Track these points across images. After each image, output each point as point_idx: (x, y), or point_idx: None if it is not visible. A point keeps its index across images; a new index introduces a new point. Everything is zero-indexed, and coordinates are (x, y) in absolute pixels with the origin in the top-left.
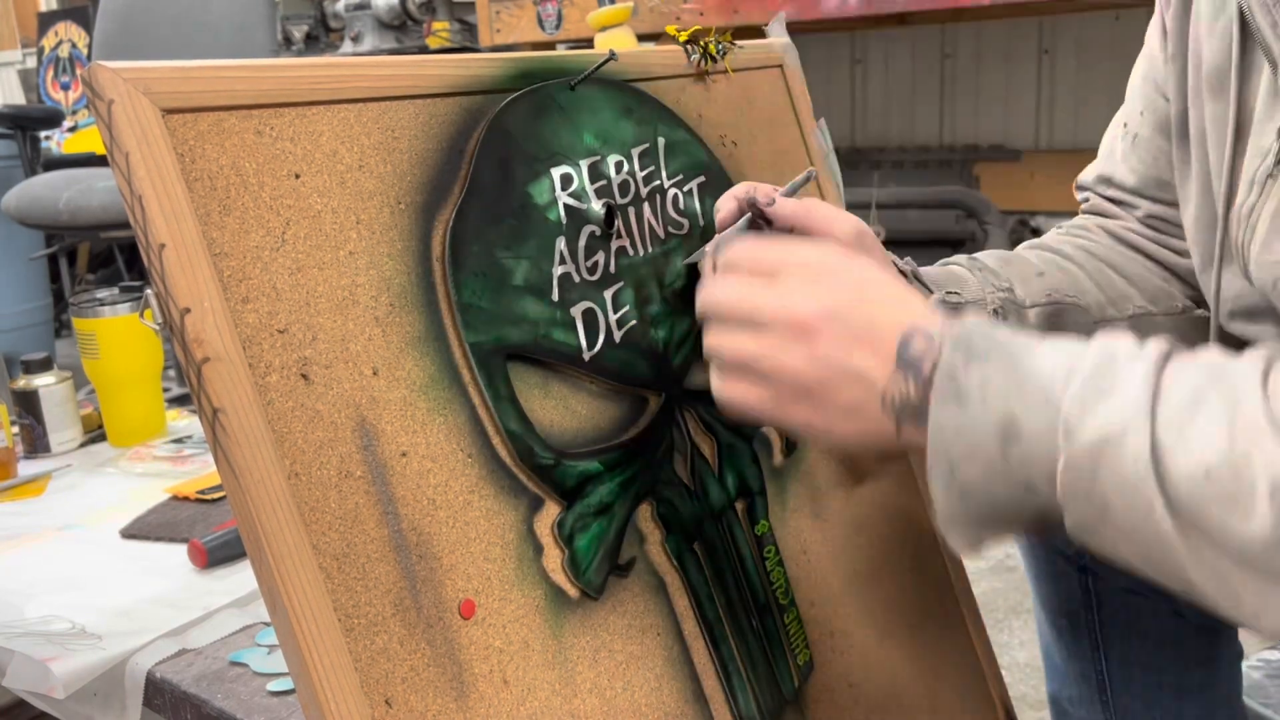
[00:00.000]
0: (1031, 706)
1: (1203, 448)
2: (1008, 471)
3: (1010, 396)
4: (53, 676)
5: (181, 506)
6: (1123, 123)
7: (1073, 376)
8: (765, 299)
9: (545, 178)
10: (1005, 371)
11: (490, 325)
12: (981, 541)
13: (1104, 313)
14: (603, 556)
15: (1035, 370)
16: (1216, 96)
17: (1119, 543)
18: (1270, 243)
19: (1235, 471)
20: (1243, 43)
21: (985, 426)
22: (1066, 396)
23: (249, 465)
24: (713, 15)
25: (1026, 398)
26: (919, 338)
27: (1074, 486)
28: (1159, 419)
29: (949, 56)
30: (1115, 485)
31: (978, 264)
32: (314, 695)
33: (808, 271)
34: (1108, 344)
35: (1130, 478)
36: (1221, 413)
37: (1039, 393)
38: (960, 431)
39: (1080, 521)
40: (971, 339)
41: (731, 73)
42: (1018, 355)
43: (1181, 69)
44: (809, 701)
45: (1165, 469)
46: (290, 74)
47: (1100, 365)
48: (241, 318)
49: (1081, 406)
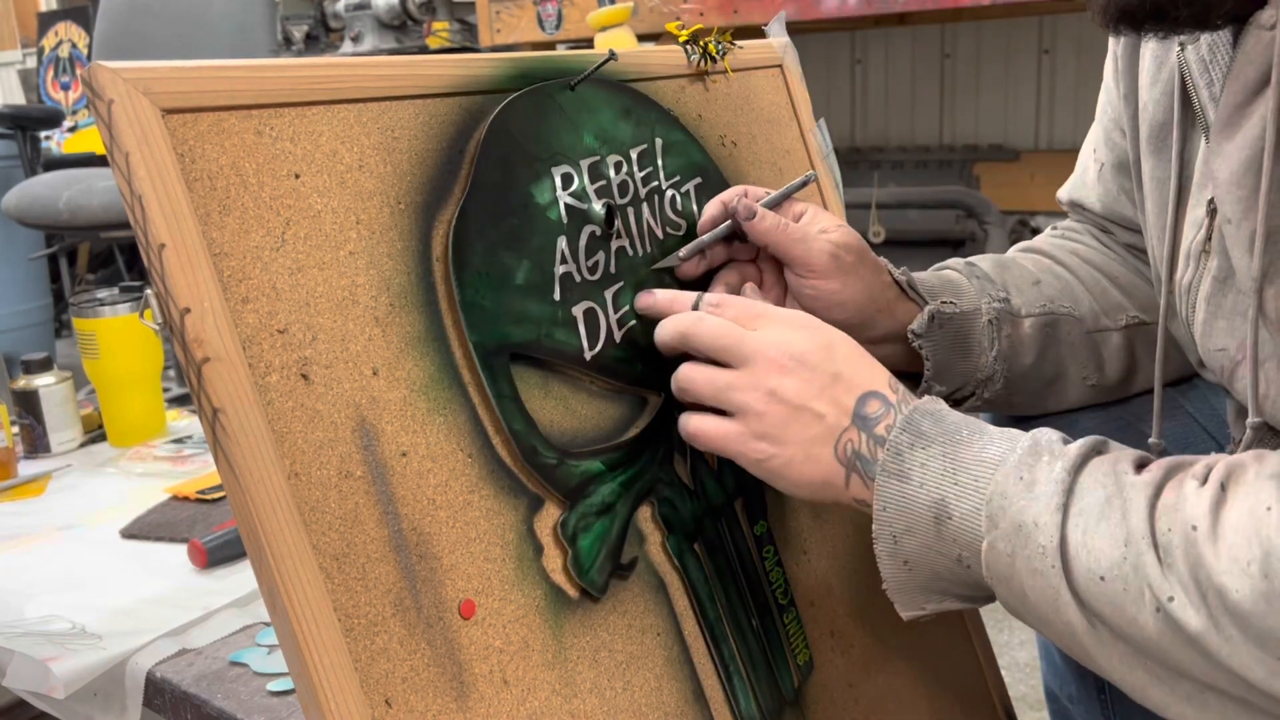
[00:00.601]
0: (1031, 707)
1: (1101, 553)
2: (942, 545)
3: (944, 481)
4: (53, 676)
5: (181, 506)
6: (1093, 147)
7: (1000, 467)
8: (747, 336)
9: (546, 177)
10: (943, 456)
11: (493, 324)
12: (925, 608)
13: (1098, 322)
14: (605, 556)
15: (971, 458)
16: (1158, 155)
17: (1040, 626)
18: (1210, 329)
19: (1125, 582)
20: (1184, 99)
21: (922, 504)
22: (993, 484)
23: (249, 465)
24: (713, 15)
25: (959, 483)
26: (875, 401)
27: (995, 568)
28: (1069, 517)
29: (949, 56)
30: (1028, 572)
31: (974, 270)
32: (314, 695)
33: (787, 324)
34: (1037, 439)
35: (1040, 567)
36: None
37: (970, 480)
38: (901, 506)
39: (1006, 601)
40: (920, 424)
41: (731, 73)
42: (958, 443)
43: (1133, 111)
44: (809, 701)
45: (1070, 565)
46: (290, 74)
47: (1025, 460)
48: (241, 318)
49: (1003, 496)
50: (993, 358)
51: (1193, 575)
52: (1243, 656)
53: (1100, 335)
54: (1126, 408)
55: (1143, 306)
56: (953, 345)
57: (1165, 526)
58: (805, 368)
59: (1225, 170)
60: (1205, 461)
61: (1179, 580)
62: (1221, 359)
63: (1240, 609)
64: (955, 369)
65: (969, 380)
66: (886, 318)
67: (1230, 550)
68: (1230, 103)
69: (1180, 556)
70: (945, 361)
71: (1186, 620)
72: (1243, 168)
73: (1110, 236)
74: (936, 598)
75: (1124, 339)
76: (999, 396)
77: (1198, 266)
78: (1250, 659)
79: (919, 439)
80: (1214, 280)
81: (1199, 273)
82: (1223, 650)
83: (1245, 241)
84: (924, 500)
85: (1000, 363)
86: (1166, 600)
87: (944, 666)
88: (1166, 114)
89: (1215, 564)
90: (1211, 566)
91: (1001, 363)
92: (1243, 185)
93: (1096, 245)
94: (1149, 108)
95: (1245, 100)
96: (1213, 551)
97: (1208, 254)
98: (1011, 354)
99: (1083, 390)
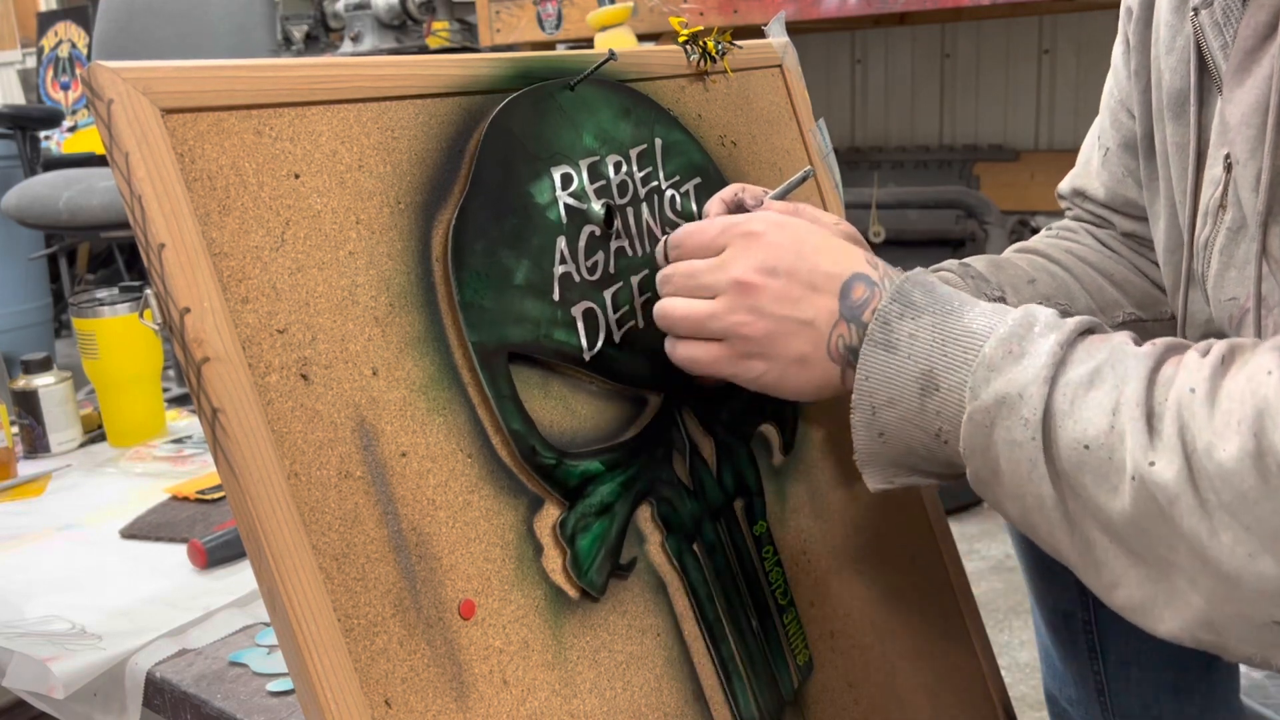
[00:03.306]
0: (1031, 707)
1: (1088, 421)
2: (923, 420)
3: (933, 352)
4: (53, 676)
5: (181, 506)
6: (1097, 135)
7: (989, 338)
8: (709, 269)
9: (546, 177)
10: (933, 327)
11: (493, 324)
12: (893, 482)
13: None
14: (604, 556)
15: (960, 329)
16: (1177, 120)
17: (1005, 501)
18: (1221, 280)
19: (1110, 450)
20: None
21: (908, 375)
22: (979, 356)
23: (249, 465)
24: (713, 15)
25: (947, 354)
26: (859, 285)
27: (972, 440)
28: (1057, 387)
29: (949, 56)
30: (1006, 444)
31: (969, 270)
32: (314, 695)
33: (747, 239)
34: (1030, 311)
35: (1020, 438)
36: (1110, 393)
37: (959, 351)
38: (886, 377)
39: (976, 474)
40: (912, 294)
41: (731, 73)
42: (948, 313)
43: (1145, 86)
44: (808, 702)
45: (1053, 435)
46: (290, 74)
47: (1016, 331)
48: (241, 318)
49: (989, 368)
50: None
51: (1180, 436)
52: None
53: None
54: None
55: (1138, 304)
56: None
57: (1162, 397)
58: (778, 276)
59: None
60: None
61: (1165, 444)
62: (1231, 308)
63: (1224, 468)
64: None
65: None
66: None
67: (1225, 414)
68: (1242, 48)
69: (1170, 420)
70: None
71: (1164, 481)
72: (1251, 108)
73: (1109, 231)
74: (905, 472)
75: None
76: None
77: (1215, 222)
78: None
79: (909, 309)
80: (1228, 231)
81: (1215, 228)
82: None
83: (1252, 181)
84: (910, 371)
85: None
86: (1148, 465)
87: (944, 666)
88: (1184, 80)
89: (1207, 424)
90: (1203, 426)
91: None
92: (1251, 124)
93: (1092, 244)
94: (1166, 75)
95: (1256, 45)
96: (1206, 413)
97: (1224, 208)
98: None
99: None
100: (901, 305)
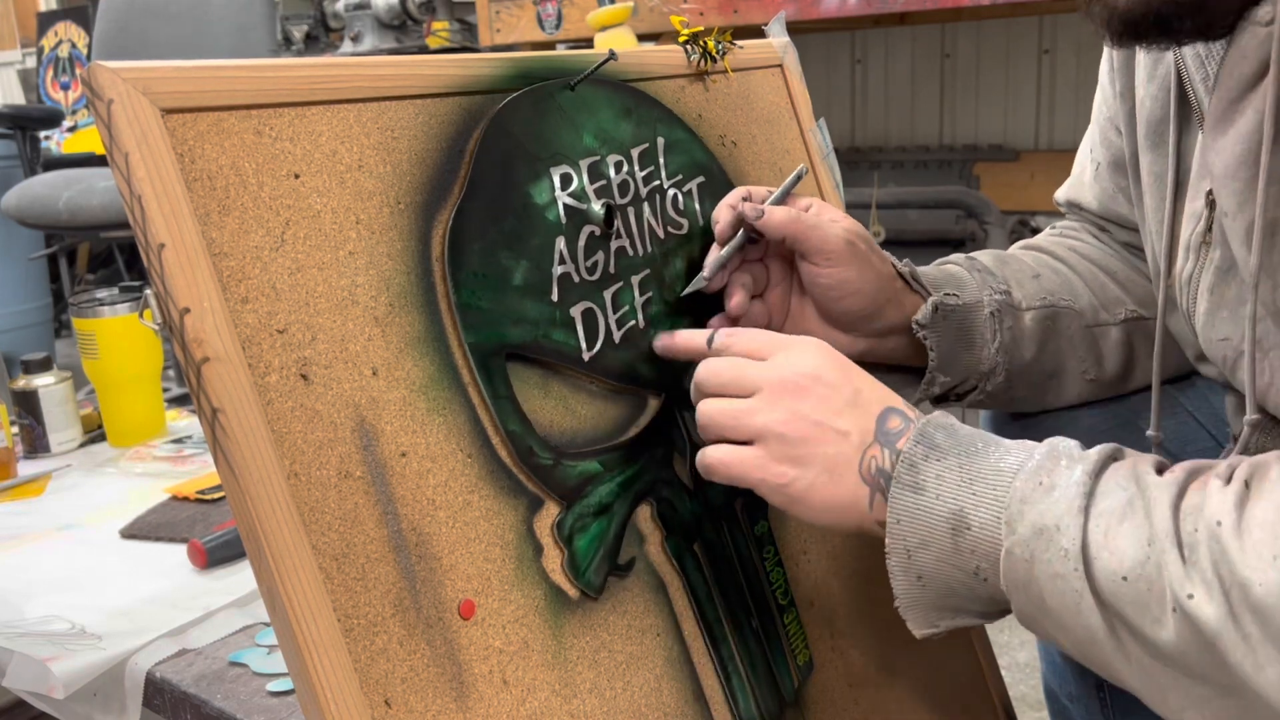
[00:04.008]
0: (1031, 707)
1: (1123, 553)
2: (959, 559)
3: (961, 491)
4: (53, 676)
5: (181, 506)
6: (1089, 148)
7: (1019, 474)
8: (757, 368)
9: (545, 178)
10: (959, 468)
11: (490, 325)
12: (937, 625)
13: (1097, 316)
14: (602, 557)
15: (988, 468)
16: (1155, 149)
17: (1056, 633)
18: (1212, 320)
19: (1148, 582)
20: (1180, 94)
21: (938, 515)
22: (1011, 491)
23: (248, 465)
24: (713, 15)
25: (976, 493)
26: (895, 418)
27: (1013, 575)
28: (1091, 518)
29: (949, 56)
30: (1048, 576)
31: (975, 264)
32: (314, 695)
33: (799, 347)
34: (1054, 445)
35: (1061, 570)
36: (1142, 524)
37: (987, 489)
38: (916, 519)
39: (1022, 609)
40: (934, 436)
41: (731, 72)
42: (973, 454)
43: (1130, 109)
44: (809, 702)
45: (1092, 565)
46: (290, 74)
47: (1044, 464)
48: (241, 318)
49: (1023, 501)
50: (995, 349)
51: (1215, 570)
52: (1258, 656)
53: (1099, 330)
54: (1126, 404)
55: (1140, 301)
56: (956, 337)
57: (1190, 527)
58: (824, 385)
59: (1220, 164)
60: (1228, 462)
61: (1201, 577)
62: (1225, 349)
63: (1263, 604)
64: (958, 361)
65: (971, 373)
66: (894, 308)
67: (1255, 545)
68: (1224, 97)
69: (1205, 553)
70: (949, 353)
71: (1205, 617)
72: (1237, 161)
73: (1108, 235)
74: (949, 615)
75: (1122, 334)
76: (1000, 390)
77: (1198, 258)
78: (1265, 659)
79: (933, 451)
80: (1217, 271)
81: (1200, 264)
82: (1238, 650)
83: (1243, 234)
84: (940, 512)
85: (1002, 355)
86: (1186, 598)
87: (944, 666)
88: (1164, 109)
89: (1240, 558)
90: (1236, 560)
91: (1003, 355)
92: (1238, 178)
93: (1094, 242)
94: (1146, 103)
95: (1239, 95)
96: (1237, 546)
97: (1208, 245)
98: (1013, 346)
99: (1082, 385)
100: (926, 448)
